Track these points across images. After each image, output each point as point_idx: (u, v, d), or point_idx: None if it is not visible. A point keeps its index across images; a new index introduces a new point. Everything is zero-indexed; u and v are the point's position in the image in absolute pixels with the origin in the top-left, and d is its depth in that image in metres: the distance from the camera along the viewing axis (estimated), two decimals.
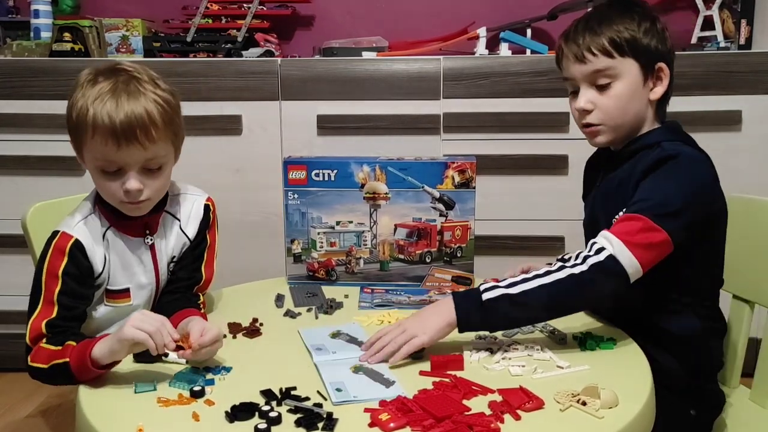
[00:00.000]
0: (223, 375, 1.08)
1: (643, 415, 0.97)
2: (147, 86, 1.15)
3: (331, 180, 1.50)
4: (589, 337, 1.18)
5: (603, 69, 1.26)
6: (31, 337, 1.15)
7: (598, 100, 1.27)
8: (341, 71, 2.25)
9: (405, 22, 2.74)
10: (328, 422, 0.91)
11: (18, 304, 2.35)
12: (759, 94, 2.18)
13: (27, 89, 2.28)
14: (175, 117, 1.19)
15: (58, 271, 1.16)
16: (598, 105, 1.27)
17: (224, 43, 2.49)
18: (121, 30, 2.53)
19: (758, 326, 1.42)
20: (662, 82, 1.28)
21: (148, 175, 1.17)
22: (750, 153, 2.17)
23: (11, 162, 2.31)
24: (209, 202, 1.37)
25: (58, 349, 1.09)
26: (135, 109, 1.11)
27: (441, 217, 1.50)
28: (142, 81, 1.16)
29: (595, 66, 1.26)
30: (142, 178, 1.16)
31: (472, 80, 2.23)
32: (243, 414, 0.93)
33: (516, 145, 2.25)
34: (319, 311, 1.37)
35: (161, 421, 0.94)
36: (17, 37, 2.58)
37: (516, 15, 2.60)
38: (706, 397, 1.30)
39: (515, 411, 0.94)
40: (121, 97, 1.12)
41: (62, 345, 1.09)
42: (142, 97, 1.13)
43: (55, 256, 1.17)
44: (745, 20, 2.44)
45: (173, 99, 1.19)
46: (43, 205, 1.47)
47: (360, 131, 2.26)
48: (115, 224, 1.24)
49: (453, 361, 1.08)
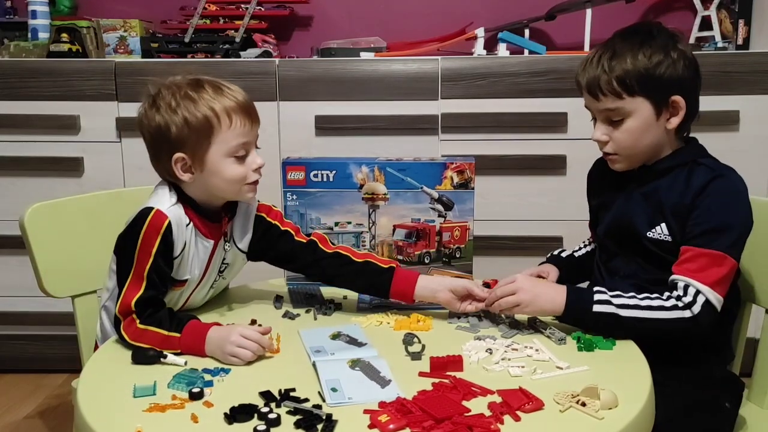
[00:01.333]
0: (221, 376, 1.08)
1: (643, 416, 0.97)
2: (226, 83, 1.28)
3: (329, 181, 1.50)
4: (588, 338, 1.18)
5: (613, 108, 1.28)
6: (120, 311, 1.20)
7: (612, 133, 1.31)
8: (339, 72, 2.25)
9: (403, 22, 2.74)
10: (327, 424, 0.91)
11: (17, 304, 2.36)
12: (757, 94, 2.18)
13: (24, 90, 2.27)
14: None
15: (152, 249, 1.21)
16: (612, 137, 1.31)
17: (222, 43, 2.48)
18: (118, 31, 2.53)
19: (756, 326, 1.42)
20: (679, 113, 1.28)
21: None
22: (748, 153, 2.17)
23: (9, 163, 2.30)
24: (261, 213, 1.40)
25: (171, 336, 1.16)
26: (241, 90, 1.26)
27: (440, 217, 1.50)
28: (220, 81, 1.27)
29: (606, 105, 1.29)
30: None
31: (471, 80, 2.23)
32: (242, 416, 0.93)
33: (514, 146, 2.25)
34: (318, 312, 1.37)
35: (160, 423, 0.94)
36: (15, 38, 2.57)
37: (514, 15, 2.60)
38: (738, 387, 1.34)
39: (515, 412, 0.94)
40: (224, 88, 1.24)
41: (163, 325, 1.17)
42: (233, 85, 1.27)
43: (149, 232, 1.21)
44: (742, 20, 2.45)
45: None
46: (41, 205, 1.47)
47: (358, 132, 2.26)
48: (197, 223, 1.28)
49: (452, 362, 1.08)
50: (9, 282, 2.34)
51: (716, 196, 1.24)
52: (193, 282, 1.32)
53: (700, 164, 1.29)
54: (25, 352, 2.42)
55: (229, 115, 1.22)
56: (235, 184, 1.26)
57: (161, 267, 1.22)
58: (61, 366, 2.39)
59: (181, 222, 1.25)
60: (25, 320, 2.38)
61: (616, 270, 1.37)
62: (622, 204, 1.37)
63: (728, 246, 1.22)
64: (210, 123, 1.21)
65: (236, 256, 1.39)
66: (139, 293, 1.20)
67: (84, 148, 2.29)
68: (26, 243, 1.44)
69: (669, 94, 1.27)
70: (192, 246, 1.29)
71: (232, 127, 1.22)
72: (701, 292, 1.21)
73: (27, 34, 2.53)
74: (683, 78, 1.28)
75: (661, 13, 2.70)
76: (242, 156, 1.25)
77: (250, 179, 1.27)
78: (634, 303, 1.21)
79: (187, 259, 1.28)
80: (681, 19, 2.65)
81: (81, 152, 2.29)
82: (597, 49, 1.31)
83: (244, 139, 1.24)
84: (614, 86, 1.26)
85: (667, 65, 1.26)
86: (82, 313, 1.51)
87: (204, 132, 1.22)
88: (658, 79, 1.26)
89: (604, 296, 1.22)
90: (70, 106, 2.26)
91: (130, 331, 1.18)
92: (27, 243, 1.44)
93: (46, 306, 2.20)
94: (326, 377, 1.04)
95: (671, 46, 1.27)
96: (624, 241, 1.36)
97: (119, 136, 2.28)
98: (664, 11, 2.69)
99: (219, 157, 1.23)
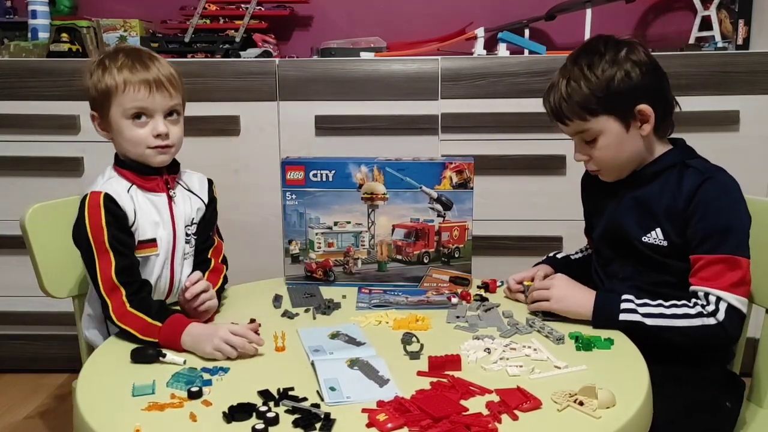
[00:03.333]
0: (220, 375, 1.08)
1: (640, 415, 0.97)
2: (158, 56, 1.40)
3: (329, 180, 1.50)
4: (586, 338, 1.18)
5: (582, 131, 1.30)
6: (106, 290, 1.27)
7: (590, 152, 1.33)
8: (339, 72, 2.25)
9: (403, 22, 2.74)
10: (325, 422, 0.91)
11: (17, 304, 2.36)
12: (756, 94, 2.18)
13: (25, 90, 2.27)
14: (182, 82, 1.41)
15: (100, 222, 1.29)
16: (592, 156, 1.33)
17: (222, 43, 2.48)
18: (118, 30, 2.53)
19: (756, 326, 1.42)
20: (648, 119, 1.29)
21: (171, 123, 1.37)
22: (747, 153, 2.17)
23: (9, 163, 2.30)
24: (209, 178, 1.53)
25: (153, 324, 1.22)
26: (161, 66, 1.36)
27: (439, 217, 1.50)
28: (152, 54, 1.39)
29: (574, 128, 1.32)
30: (166, 123, 1.36)
31: (470, 80, 2.23)
32: (240, 414, 0.94)
33: (514, 146, 2.25)
34: (317, 312, 1.37)
35: (158, 422, 0.94)
36: (15, 38, 2.57)
37: (514, 15, 2.60)
38: (739, 387, 1.34)
39: (513, 411, 0.94)
40: (144, 59, 1.36)
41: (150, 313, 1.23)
42: (160, 59, 1.39)
43: (92, 211, 1.30)
44: (742, 20, 2.45)
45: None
46: (41, 205, 1.48)
47: (358, 132, 2.26)
48: (138, 182, 1.37)
49: (451, 361, 1.08)
50: (9, 282, 2.34)
51: (710, 200, 1.25)
52: (164, 242, 1.39)
53: (688, 166, 1.29)
54: (25, 352, 2.42)
55: (126, 82, 1.33)
56: (137, 145, 1.36)
57: (118, 236, 1.30)
58: (61, 366, 2.40)
59: (121, 190, 1.35)
60: (25, 320, 2.38)
61: (614, 273, 1.38)
62: (613, 210, 1.37)
63: (735, 247, 1.23)
64: (108, 87, 1.34)
65: (198, 209, 1.47)
66: (113, 264, 1.28)
67: (84, 148, 2.28)
68: (26, 243, 1.44)
69: (632, 105, 1.27)
70: (145, 205, 1.37)
71: (127, 92, 1.33)
72: (722, 299, 1.21)
73: (27, 34, 2.53)
74: (642, 85, 1.27)
75: (661, 13, 2.70)
76: (143, 121, 1.35)
77: (150, 143, 1.35)
78: (660, 311, 1.23)
79: (145, 219, 1.36)
80: (681, 19, 2.65)
81: (81, 152, 2.29)
82: (557, 74, 1.32)
83: (140, 104, 1.34)
84: (576, 111, 1.28)
85: (620, 78, 1.26)
86: (83, 313, 1.51)
87: (105, 94, 1.35)
88: (616, 94, 1.26)
89: (630, 305, 1.24)
90: (70, 106, 2.26)
91: (119, 312, 1.25)
92: (27, 243, 1.44)
93: (46, 306, 2.20)
94: (325, 376, 1.04)
95: (622, 57, 1.27)
96: (618, 245, 1.36)
97: None
98: (664, 11, 2.68)
99: (118, 118, 1.35)
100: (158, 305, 1.28)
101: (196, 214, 1.46)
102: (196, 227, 1.46)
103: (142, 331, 1.21)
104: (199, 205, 1.47)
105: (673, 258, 1.28)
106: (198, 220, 1.47)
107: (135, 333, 1.21)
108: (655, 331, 1.22)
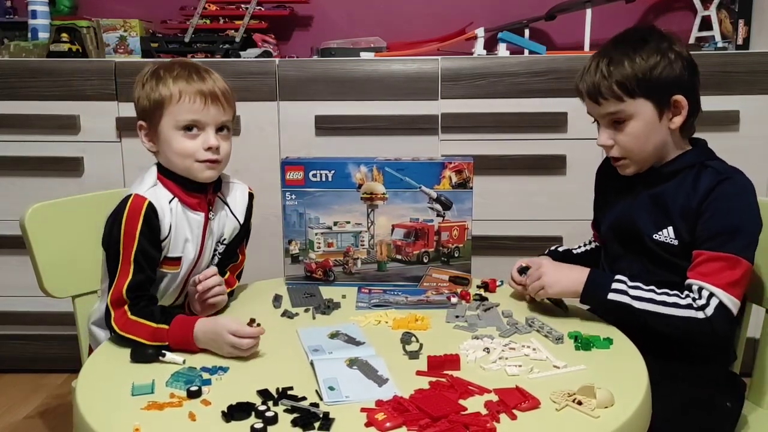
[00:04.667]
0: (219, 375, 1.08)
1: (639, 415, 0.97)
2: (212, 71, 1.37)
3: (328, 180, 1.50)
4: (585, 337, 1.18)
5: (615, 111, 1.29)
6: (112, 300, 1.24)
7: (617, 137, 1.32)
8: (339, 72, 2.25)
9: (403, 22, 2.74)
10: (324, 422, 0.91)
11: (17, 305, 2.37)
12: (756, 94, 2.18)
13: (25, 90, 2.27)
14: (235, 98, 1.40)
15: (135, 232, 1.26)
16: (617, 141, 1.32)
17: (222, 43, 2.49)
18: (118, 30, 2.53)
19: (756, 327, 1.42)
20: (681, 112, 1.29)
21: (221, 138, 1.35)
22: (748, 153, 2.16)
23: (9, 163, 2.30)
24: (251, 191, 1.51)
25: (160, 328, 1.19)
26: (216, 79, 1.35)
27: (438, 217, 1.50)
28: (207, 68, 1.37)
29: (607, 109, 1.30)
30: (217, 137, 1.34)
31: (470, 80, 2.23)
32: (239, 414, 0.94)
33: (514, 146, 2.25)
34: (317, 312, 1.37)
35: (158, 421, 0.94)
36: (15, 38, 2.57)
37: (514, 15, 2.60)
38: (739, 387, 1.35)
39: (511, 411, 0.94)
40: (201, 71, 1.35)
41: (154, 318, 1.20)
42: (215, 74, 1.37)
43: (131, 216, 1.27)
44: (742, 20, 2.45)
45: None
46: (41, 205, 1.48)
47: (358, 132, 2.26)
48: (181, 196, 1.34)
49: (449, 360, 1.08)
50: (9, 282, 2.35)
51: (724, 200, 1.24)
52: (188, 261, 1.36)
53: (707, 167, 1.29)
54: (25, 352, 2.43)
55: (182, 92, 1.31)
56: (185, 158, 1.32)
57: (147, 250, 1.27)
58: (61, 366, 2.40)
59: (164, 200, 1.31)
60: (25, 320, 2.38)
61: (621, 271, 1.37)
62: (628, 205, 1.37)
63: (741, 249, 1.23)
64: (162, 96, 1.31)
65: (233, 229, 1.45)
66: (128, 279, 1.24)
67: (84, 148, 2.29)
68: (26, 243, 1.44)
69: (670, 94, 1.28)
70: (180, 221, 1.33)
71: (181, 102, 1.30)
72: (714, 295, 1.21)
73: (27, 34, 2.53)
74: (682, 78, 1.28)
75: (661, 13, 2.69)
76: (194, 133, 1.32)
77: (200, 157, 1.32)
78: (650, 297, 1.23)
79: (178, 236, 1.33)
80: (681, 19, 2.65)
81: (81, 152, 2.29)
82: (594, 57, 1.32)
83: (193, 116, 1.31)
84: (614, 90, 1.27)
85: (663, 66, 1.27)
86: (82, 313, 1.51)
87: (158, 103, 1.32)
88: (657, 80, 1.26)
89: (621, 285, 1.24)
90: (70, 106, 2.26)
91: (121, 322, 1.22)
92: (27, 243, 1.44)
93: (46, 306, 2.20)
94: (324, 376, 1.04)
95: (667, 48, 1.28)
96: (627, 241, 1.36)
97: (119, 136, 2.28)
98: (664, 11, 2.68)
99: (169, 129, 1.32)
100: (160, 309, 1.25)
101: (230, 235, 1.45)
102: (224, 247, 1.45)
103: (150, 337, 1.18)
104: (235, 225, 1.45)
105: (682, 258, 1.28)
106: (229, 240, 1.45)
107: (142, 340, 1.18)
108: (642, 316, 1.22)
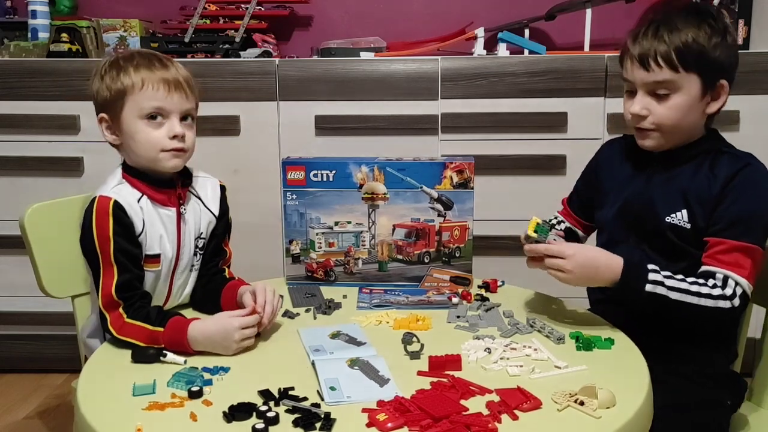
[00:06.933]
0: (221, 375, 1.08)
1: (641, 415, 0.97)
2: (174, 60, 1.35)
3: (329, 180, 1.50)
4: (586, 337, 1.18)
5: (664, 81, 1.26)
6: (104, 304, 1.23)
7: (654, 107, 1.28)
8: (339, 72, 2.25)
9: (403, 22, 2.74)
10: (325, 422, 0.91)
11: (16, 305, 2.36)
12: (756, 94, 2.18)
13: (24, 90, 2.27)
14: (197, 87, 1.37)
15: (108, 233, 1.24)
16: (653, 112, 1.28)
17: (222, 43, 2.49)
18: (118, 30, 2.53)
19: (756, 326, 1.42)
20: (720, 98, 1.28)
21: (185, 127, 1.32)
22: None
23: (9, 163, 2.30)
24: (223, 184, 1.47)
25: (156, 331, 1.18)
26: (178, 67, 1.33)
27: (439, 217, 1.50)
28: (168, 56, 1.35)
29: (657, 77, 1.26)
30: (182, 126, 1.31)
31: (470, 80, 2.23)
32: (241, 414, 0.94)
33: (514, 146, 2.25)
34: (318, 312, 1.37)
35: (159, 422, 0.94)
36: (15, 38, 2.57)
37: (514, 15, 2.60)
38: (740, 385, 1.34)
39: (513, 411, 0.94)
40: (162, 59, 1.32)
41: (150, 320, 1.19)
42: (176, 63, 1.34)
43: (99, 218, 1.24)
44: (742, 20, 2.45)
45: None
46: (40, 205, 1.47)
47: (358, 132, 2.26)
48: (149, 192, 1.31)
49: (451, 361, 1.08)
50: (9, 282, 2.34)
51: (747, 186, 1.24)
52: (167, 259, 1.34)
53: (723, 153, 1.29)
54: (25, 352, 2.43)
55: (144, 80, 1.28)
56: (150, 148, 1.29)
57: (125, 247, 1.25)
58: (61, 366, 2.40)
59: (131, 198, 1.29)
60: (25, 320, 2.38)
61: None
62: (641, 186, 1.35)
63: (759, 237, 1.24)
64: (125, 86, 1.28)
65: (209, 222, 1.42)
66: (115, 279, 1.23)
67: (84, 148, 2.29)
68: (26, 243, 1.44)
69: (718, 77, 1.27)
70: (153, 218, 1.31)
71: (144, 90, 1.27)
72: (740, 284, 1.22)
73: (27, 34, 2.53)
74: (732, 65, 1.28)
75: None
76: (158, 121, 1.29)
77: (165, 146, 1.29)
78: (685, 287, 1.22)
79: (153, 233, 1.31)
80: None
81: (81, 152, 2.29)
82: (651, 22, 1.28)
83: (157, 103, 1.28)
84: (672, 58, 1.24)
85: (723, 48, 1.25)
86: (82, 313, 1.51)
87: (120, 93, 1.28)
88: (714, 60, 1.25)
89: (657, 276, 1.22)
90: (70, 106, 2.26)
91: (117, 325, 1.21)
92: (27, 243, 1.44)
93: (46, 306, 2.20)
94: (325, 376, 1.04)
95: (728, 32, 1.27)
96: (634, 224, 1.34)
97: None
98: None
99: (132, 119, 1.29)
100: (156, 311, 1.23)
101: (206, 229, 1.41)
102: (204, 241, 1.42)
103: (146, 340, 1.17)
104: (210, 219, 1.42)
105: (690, 243, 1.27)
106: (208, 234, 1.42)
107: (139, 343, 1.17)
108: (675, 308, 1.21)
